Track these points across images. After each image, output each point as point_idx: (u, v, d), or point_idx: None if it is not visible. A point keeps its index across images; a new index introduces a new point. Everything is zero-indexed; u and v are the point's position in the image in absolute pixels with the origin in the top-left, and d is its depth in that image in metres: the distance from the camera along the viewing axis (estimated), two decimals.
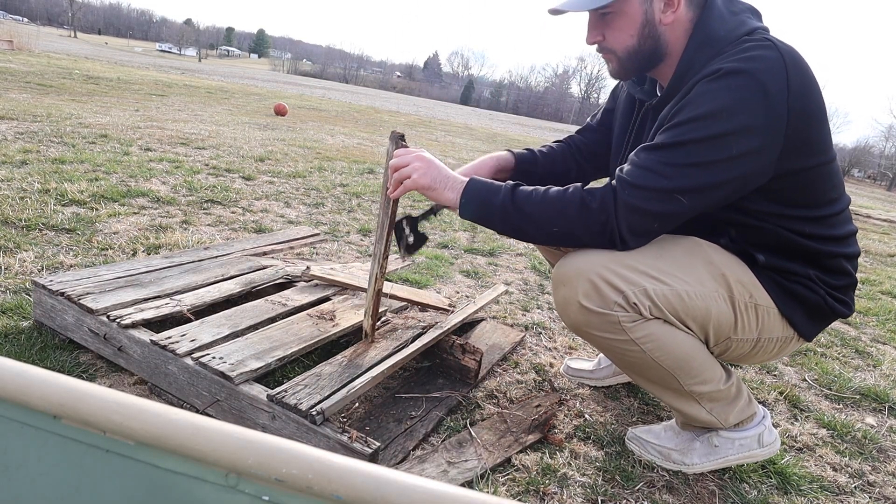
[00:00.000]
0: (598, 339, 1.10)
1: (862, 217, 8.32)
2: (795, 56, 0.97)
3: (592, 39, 1.13)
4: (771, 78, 0.94)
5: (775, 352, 1.17)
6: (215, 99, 9.66)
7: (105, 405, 0.32)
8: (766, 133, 0.96)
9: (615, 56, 1.13)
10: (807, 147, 1.00)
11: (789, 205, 1.05)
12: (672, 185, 0.97)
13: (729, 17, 1.05)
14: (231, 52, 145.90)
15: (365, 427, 1.22)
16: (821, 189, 1.06)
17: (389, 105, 22.76)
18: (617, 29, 1.09)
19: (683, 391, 1.15)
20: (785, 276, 1.09)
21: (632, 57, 1.11)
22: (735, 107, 0.94)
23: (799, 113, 0.96)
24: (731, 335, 1.11)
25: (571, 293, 1.07)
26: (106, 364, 1.31)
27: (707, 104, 0.96)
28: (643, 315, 1.04)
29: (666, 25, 1.07)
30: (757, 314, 1.10)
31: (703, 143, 0.96)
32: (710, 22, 1.04)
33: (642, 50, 1.10)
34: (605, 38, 1.11)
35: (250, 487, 0.30)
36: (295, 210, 3.04)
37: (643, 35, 1.08)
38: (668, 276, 1.05)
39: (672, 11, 1.06)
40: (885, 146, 66.21)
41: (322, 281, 1.69)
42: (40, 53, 14.48)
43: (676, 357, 1.09)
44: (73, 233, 2.07)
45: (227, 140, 4.96)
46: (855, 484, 1.31)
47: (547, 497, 1.11)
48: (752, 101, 0.94)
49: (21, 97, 5.59)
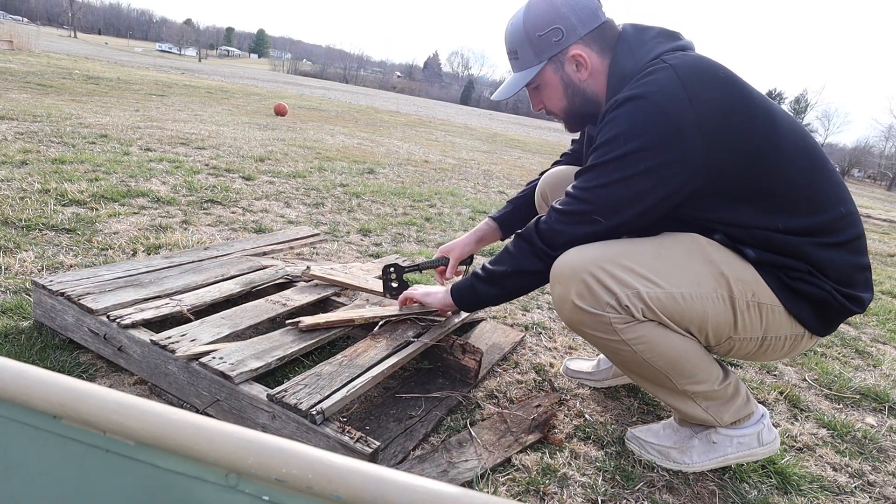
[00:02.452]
0: (591, 337, 1.12)
1: (862, 217, 8.32)
2: (695, 70, 1.02)
3: (536, 108, 1.30)
4: (666, 96, 0.99)
5: (787, 349, 1.15)
6: (215, 99, 9.66)
7: (105, 405, 0.32)
8: (669, 148, 1.00)
9: (559, 117, 1.28)
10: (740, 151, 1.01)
11: (754, 203, 1.05)
12: (585, 207, 1.09)
13: (638, 48, 1.11)
14: (231, 52, 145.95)
15: (365, 427, 1.22)
16: (782, 182, 1.05)
17: (389, 105, 22.76)
18: (548, 97, 1.24)
19: (678, 390, 1.15)
20: (785, 272, 1.08)
21: (571, 114, 1.25)
22: (630, 129, 1.02)
23: (712, 124, 0.99)
24: (731, 335, 1.10)
25: (566, 292, 1.10)
26: (106, 364, 1.31)
27: (606, 132, 1.05)
28: (635, 317, 1.05)
29: (585, 81, 1.18)
30: (760, 312, 1.09)
31: (604, 165, 1.05)
32: (619, 61, 1.13)
33: (575, 106, 1.22)
34: (545, 106, 1.26)
35: (250, 487, 0.30)
36: (295, 210, 3.04)
37: (569, 95, 1.21)
38: (664, 277, 1.05)
39: (585, 69, 1.16)
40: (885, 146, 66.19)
41: (322, 281, 1.69)
42: (40, 53, 14.48)
43: (669, 359, 1.09)
44: (73, 233, 2.07)
45: (227, 140, 4.96)
46: (855, 484, 1.31)
47: (547, 497, 1.11)
48: (645, 121, 1.01)
49: (21, 97, 5.59)
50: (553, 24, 1.14)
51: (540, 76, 1.19)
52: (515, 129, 23.12)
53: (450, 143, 9.31)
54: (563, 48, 1.15)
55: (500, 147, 10.69)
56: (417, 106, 29.38)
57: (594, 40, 1.15)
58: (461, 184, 4.99)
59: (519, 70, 1.21)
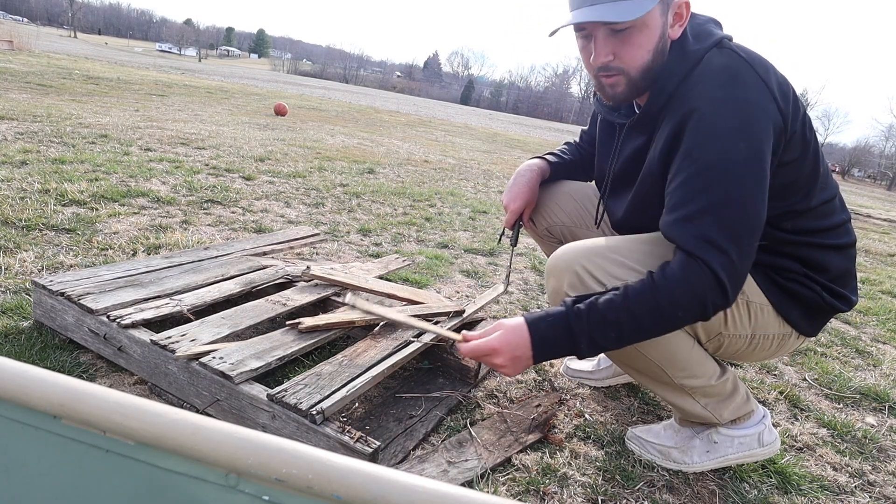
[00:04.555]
0: None
1: (862, 217, 8.32)
2: (761, 60, 1.01)
3: (603, 60, 1.02)
4: (754, 94, 0.97)
5: (775, 349, 1.17)
6: (215, 99, 9.66)
7: (105, 405, 0.32)
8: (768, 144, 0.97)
9: (624, 77, 1.03)
10: (793, 140, 1.01)
11: (776, 200, 1.04)
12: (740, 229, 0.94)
13: (696, 28, 1.07)
14: (231, 52, 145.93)
15: (365, 427, 1.22)
16: (807, 179, 1.06)
17: (389, 105, 22.76)
18: (635, 45, 1.00)
19: (674, 384, 1.15)
20: (779, 272, 1.10)
21: (643, 75, 1.03)
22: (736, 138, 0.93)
23: (786, 107, 0.98)
24: (721, 330, 1.12)
25: (559, 283, 1.12)
26: (106, 364, 1.31)
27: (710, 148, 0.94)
28: None
29: (673, 40, 1.03)
30: (749, 310, 1.10)
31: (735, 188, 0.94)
32: (686, 37, 1.04)
33: (653, 67, 1.02)
34: (618, 56, 1.01)
35: (250, 487, 0.30)
36: (295, 210, 3.04)
37: (657, 50, 1.01)
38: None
39: (679, 25, 1.02)
40: (885, 146, 66.19)
41: (322, 281, 1.69)
42: (40, 53, 14.48)
43: (661, 349, 1.10)
44: (73, 233, 2.07)
45: (227, 140, 4.96)
46: (855, 483, 1.31)
47: (547, 497, 1.11)
48: (748, 124, 0.94)
49: (21, 97, 5.59)
50: None
51: (648, 14, 0.97)
52: (515, 128, 23.12)
53: (450, 143, 9.31)
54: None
55: (500, 147, 10.69)
56: (417, 106, 29.37)
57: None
58: (461, 184, 4.99)
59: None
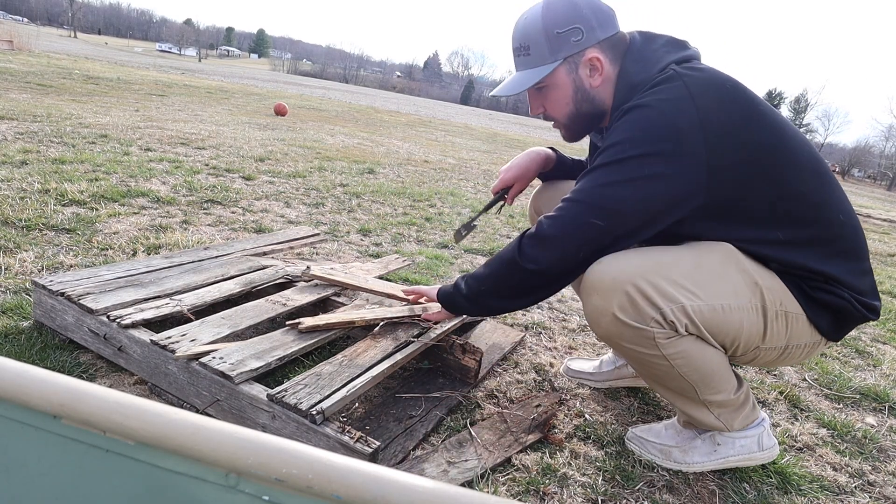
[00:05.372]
0: (627, 350, 1.09)
1: (862, 217, 8.33)
2: (705, 83, 1.01)
3: (535, 112, 1.23)
4: (676, 107, 0.99)
5: (802, 356, 1.16)
6: (215, 99, 9.66)
7: (105, 405, 0.32)
8: (675, 157, 0.99)
9: (560, 123, 1.22)
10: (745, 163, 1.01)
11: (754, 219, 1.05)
12: (582, 208, 1.05)
13: (647, 57, 1.10)
14: (231, 52, 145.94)
15: (365, 427, 1.22)
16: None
17: (389, 105, 22.75)
18: (553, 100, 1.18)
19: (699, 400, 1.14)
20: (805, 281, 1.08)
21: (574, 121, 1.19)
22: (636, 136, 1.01)
23: (718, 140, 0.98)
24: (759, 345, 1.10)
25: (605, 304, 1.05)
26: (106, 364, 1.31)
27: (613, 137, 1.04)
28: (679, 332, 1.03)
29: (596, 88, 1.14)
30: (787, 322, 1.09)
31: (607, 167, 1.03)
32: (629, 69, 1.11)
33: (581, 113, 1.18)
34: (546, 109, 1.20)
35: (250, 487, 0.30)
36: (295, 210, 3.04)
37: (577, 100, 1.16)
38: (705, 289, 1.03)
39: (598, 74, 1.13)
40: (885, 146, 66.14)
41: (322, 281, 1.69)
42: (40, 53, 14.48)
43: (702, 372, 1.09)
44: (73, 233, 2.07)
45: (227, 140, 4.96)
46: (855, 484, 1.31)
47: (547, 497, 1.11)
48: (654, 129, 1.00)
49: (21, 97, 5.59)
50: (574, 23, 1.10)
51: (551, 76, 1.13)
52: (515, 128, 23.11)
53: (450, 143, 9.31)
54: (581, 49, 1.11)
55: (501, 147, 10.68)
56: (417, 106, 29.36)
57: (608, 47, 1.12)
58: (461, 184, 4.99)
59: (527, 67, 1.15)
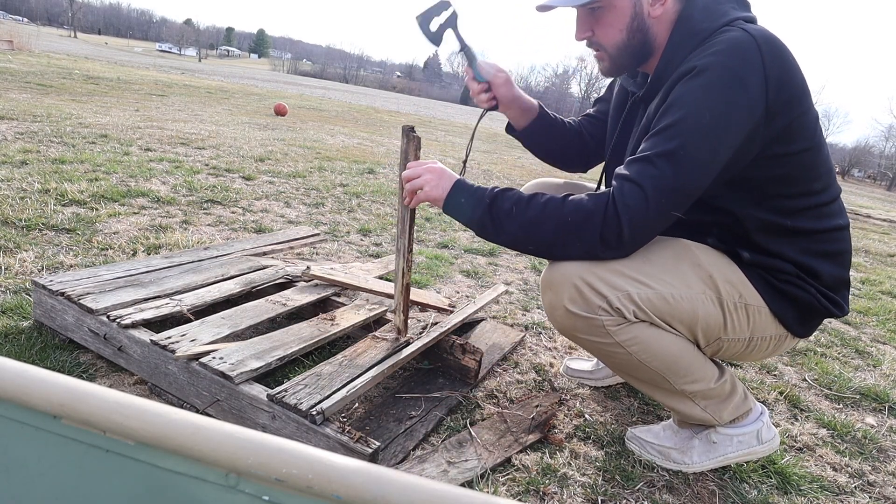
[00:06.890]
0: (585, 342, 1.11)
1: (862, 217, 8.33)
2: (771, 40, 0.98)
3: (581, 35, 1.13)
4: (746, 68, 0.95)
5: (771, 350, 1.17)
6: (215, 99, 9.66)
7: (105, 405, 0.32)
8: (746, 122, 0.97)
9: (605, 53, 1.12)
10: (786, 133, 1.01)
11: (768, 196, 1.06)
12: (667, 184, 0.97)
13: (713, 8, 1.06)
14: (231, 52, 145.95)
15: (365, 427, 1.22)
16: (803, 178, 1.06)
17: (389, 105, 22.75)
18: (606, 24, 1.09)
19: (675, 390, 1.15)
20: (774, 274, 1.10)
21: (622, 52, 1.11)
22: (713, 104, 0.95)
23: (777, 99, 0.97)
24: (721, 335, 1.11)
25: (557, 298, 1.09)
26: (106, 364, 1.31)
27: (687, 105, 0.97)
28: (627, 318, 1.05)
29: (654, 19, 1.07)
30: (748, 314, 1.10)
31: (689, 145, 0.96)
32: (692, 13, 1.05)
33: (632, 45, 1.09)
34: (595, 34, 1.11)
35: (250, 487, 0.30)
36: (295, 210, 3.04)
37: (632, 29, 1.08)
38: (654, 279, 1.05)
39: (661, 4, 1.06)
40: (885, 146, 66.09)
41: (322, 281, 1.69)
42: (40, 53, 14.47)
43: (663, 359, 1.10)
44: (73, 233, 2.07)
45: (227, 140, 4.96)
46: (855, 484, 1.31)
47: (547, 497, 1.11)
48: (728, 94, 0.95)
49: (21, 97, 5.59)
50: None
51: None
52: None
53: (450, 143, 9.30)
54: None
55: (501, 147, 10.68)
56: (417, 106, 29.36)
57: None
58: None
59: None
